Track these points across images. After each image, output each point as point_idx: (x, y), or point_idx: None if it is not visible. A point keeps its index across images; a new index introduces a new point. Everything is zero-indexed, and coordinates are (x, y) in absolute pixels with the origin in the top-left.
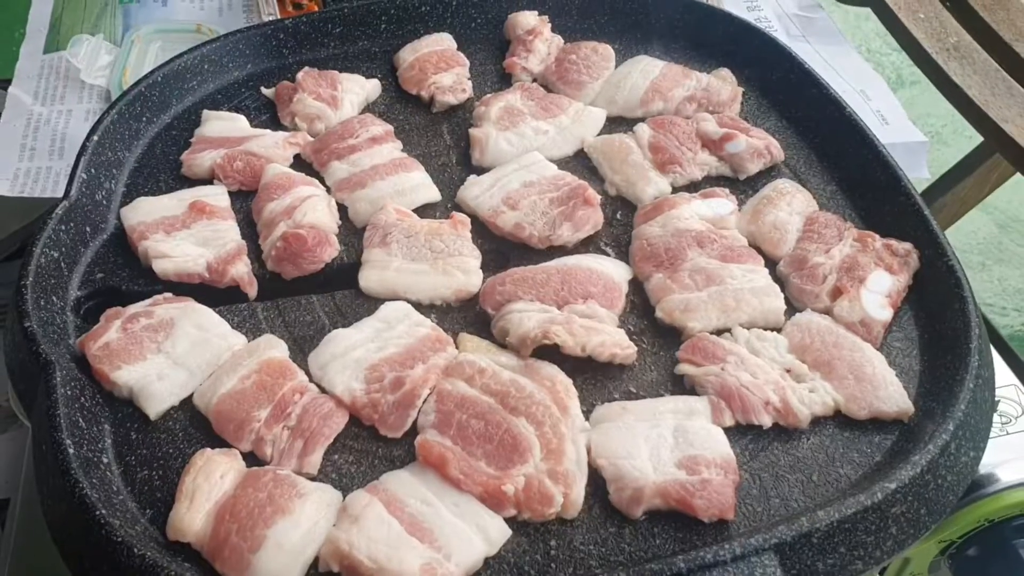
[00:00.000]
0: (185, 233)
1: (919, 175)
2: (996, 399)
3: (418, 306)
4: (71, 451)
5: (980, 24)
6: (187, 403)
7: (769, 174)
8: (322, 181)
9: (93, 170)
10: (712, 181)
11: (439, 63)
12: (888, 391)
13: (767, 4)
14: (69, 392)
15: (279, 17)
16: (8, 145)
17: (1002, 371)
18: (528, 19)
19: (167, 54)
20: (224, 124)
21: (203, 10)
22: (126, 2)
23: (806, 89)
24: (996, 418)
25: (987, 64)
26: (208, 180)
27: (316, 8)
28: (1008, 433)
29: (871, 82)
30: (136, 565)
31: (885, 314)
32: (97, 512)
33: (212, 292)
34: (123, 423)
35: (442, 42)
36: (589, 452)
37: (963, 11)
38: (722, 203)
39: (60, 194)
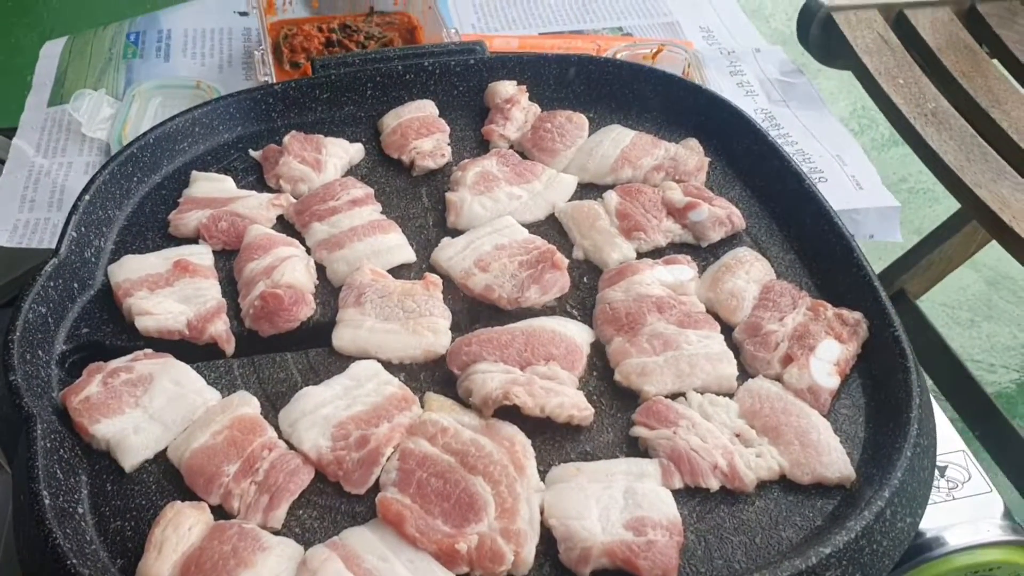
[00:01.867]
0: (168, 291)
1: (892, 239)
2: (943, 465)
3: (389, 365)
4: (47, 502)
5: (958, 90)
6: (162, 456)
7: (731, 242)
8: (303, 241)
9: (83, 228)
10: (676, 248)
11: (420, 129)
12: (831, 457)
13: (749, 69)
14: (48, 444)
15: (275, 77)
16: (9, 196)
17: (951, 437)
18: (507, 88)
19: (167, 109)
20: (211, 185)
21: (204, 67)
22: (129, 57)
23: (769, 160)
24: (943, 483)
25: (963, 130)
26: (194, 239)
27: (309, 69)
28: (954, 498)
29: (847, 147)
30: None
31: (832, 382)
32: (69, 562)
33: (192, 348)
34: (99, 474)
35: (424, 108)
36: (542, 512)
37: (942, 77)
38: (683, 270)
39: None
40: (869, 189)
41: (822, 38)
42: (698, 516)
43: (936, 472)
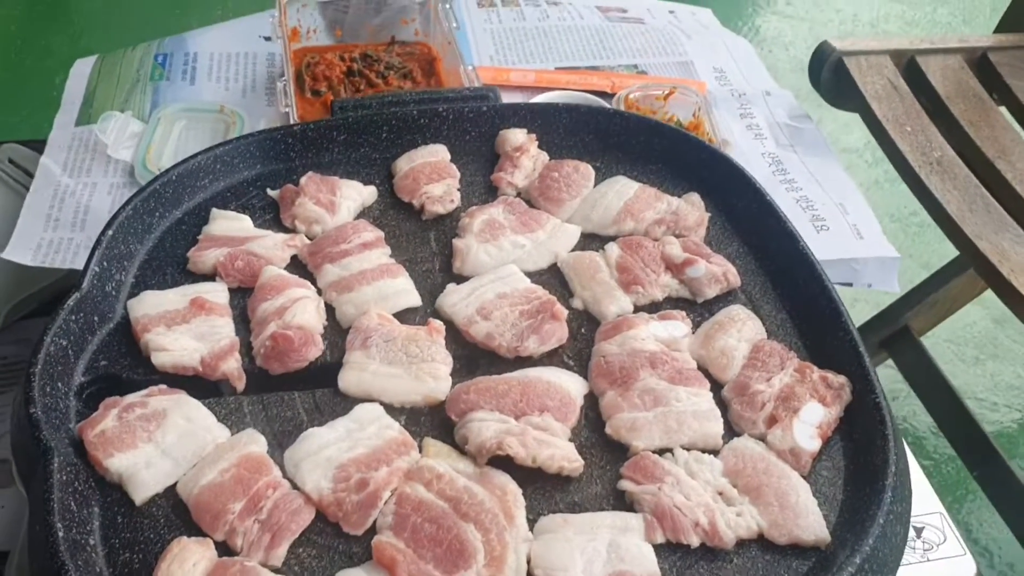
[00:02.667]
0: (185, 328)
1: (890, 290)
2: (920, 526)
3: (391, 408)
4: (61, 534)
5: (965, 139)
6: (171, 490)
7: (726, 298)
8: (315, 282)
9: (105, 263)
10: (672, 302)
11: (431, 174)
12: (808, 520)
13: (759, 112)
14: (64, 477)
15: (296, 106)
16: (35, 215)
17: (930, 499)
18: (517, 136)
19: (190, 133)
20: (229, 224)
21: (228, 91)
22: (156, 79)
23: (766, 219)
24: (919, 544)
25: (968, 180)
26: (212, 276)
27: (331, 98)
28: (929, 559)
29: (850, 195)
30: None
31: (814, 444)
32: None
33: (205, 383)
34: (111, 507)
35: (436, 153)
36: (529, 561)
37: (949, 125)
38: (677, 326)
39: (78, 265)
40: (869, 239)
41: (833, 81)
42: (678, 571)
43: (912, 532)
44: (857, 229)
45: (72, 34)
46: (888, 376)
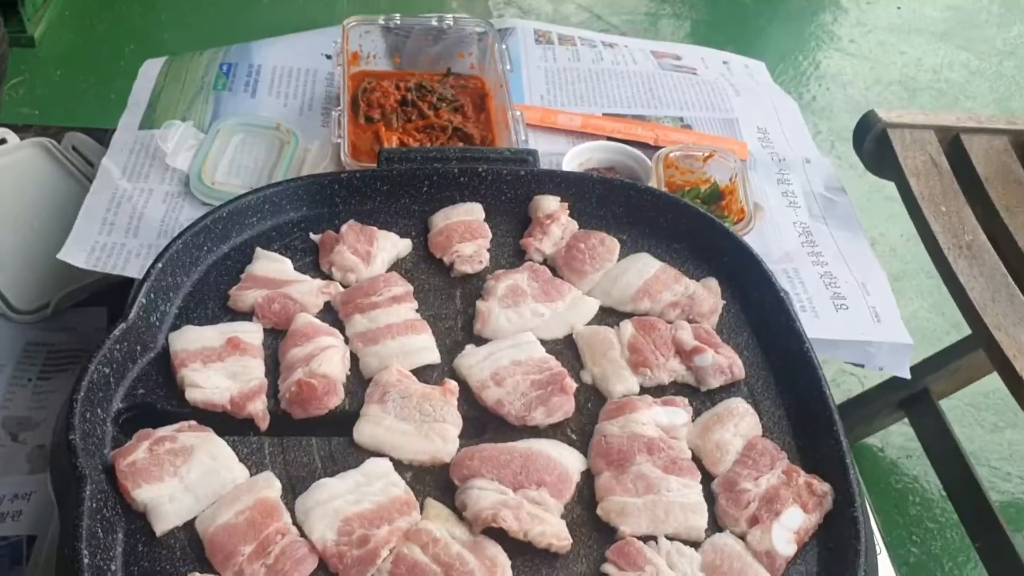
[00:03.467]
0: (219, 365)
1: (901, 375)
2: None
3: (399, 463)
4: (86, 561)
5: (999, 223)
6: (190, 524)
7: (729, 389)
8: (343, 329)
9: (153, 295)
10: (677, 387)
11: (464, 233)
12: None
13: (796, 179)
14: (94, 505)
15: (348, 132)
16: (92, 217)
17: None
18: (550, 204)
19: (247, 147)
20: (271, 265)
21: (286, 107)
22: (219, 89)
23: (777, 315)
24: None
25: (995, 267)
26: (249, 315)
27: (383, 127)
28: None
29: (873, 276)
30: None
31: (789, 549)
32: None
33: (230, 421)
34: (134, 534)
35: (472, 212)
36: None
37: (985, 208)
38: (678, 413)
39: (129, 272)
40: (887, 322)
41: (876, 151)
42: None
43: None
44: (876, 312)
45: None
46: (903, 434)
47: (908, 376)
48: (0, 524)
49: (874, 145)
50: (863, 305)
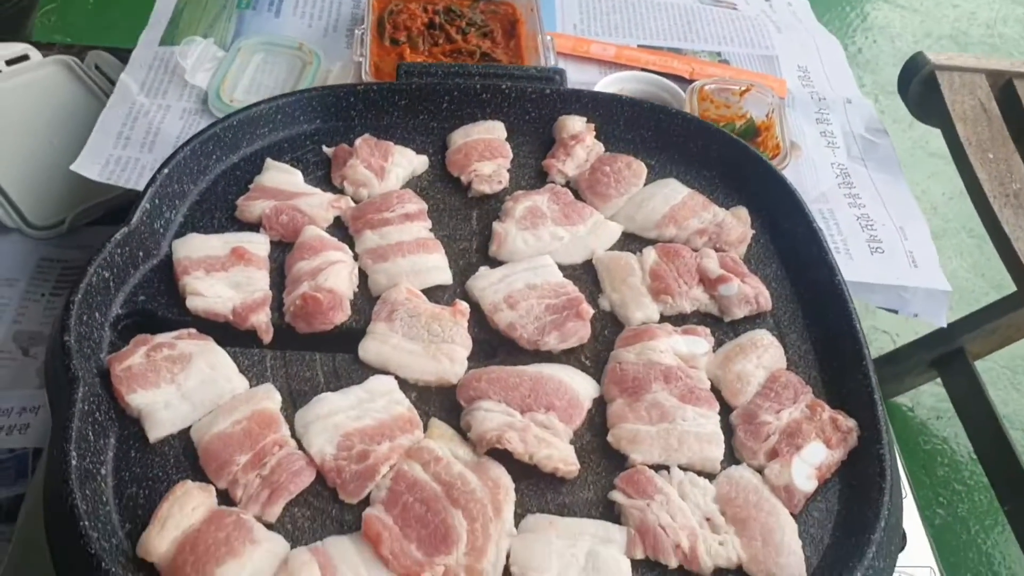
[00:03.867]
0: (222, 275)
1: (936, 322)
2: None
3: (404, 383)
4: (74, 463)
5: None
6: (184, 433)
7: (754, 320)
8: (353, 246)
9: (157, 200)
10: (699, 317)
11: (484, 151)
12: (787, 560)
13: (836, 119)
14: (86, 407)
15: (371, 53)
16: (107, 131)
17: (924, 553)
18: (575, 124)
19: (267, 66)
20: (281, 176)
21: (310, 28)
22: (243, 8)
23: (808, 246)
24: None
25: None
26: (257, 225)
27: (408, 49)
28: None
29: (912, 221)
30: None
31: (809, 485)
32: (81, 523)
33: (233, 331)
34: (126, 440)
35: (493, 131)
36: (508, 556)
37: None
38: (699, 342)
39: (141, 187)
40: (924, 268)
41: (922, 95)
42: None
43: None
44: (913, 256)
45: None
46: (935, 395)
47: (943, 324)
48: (7, 436)
49: (920, 88)
50: (900, 249)
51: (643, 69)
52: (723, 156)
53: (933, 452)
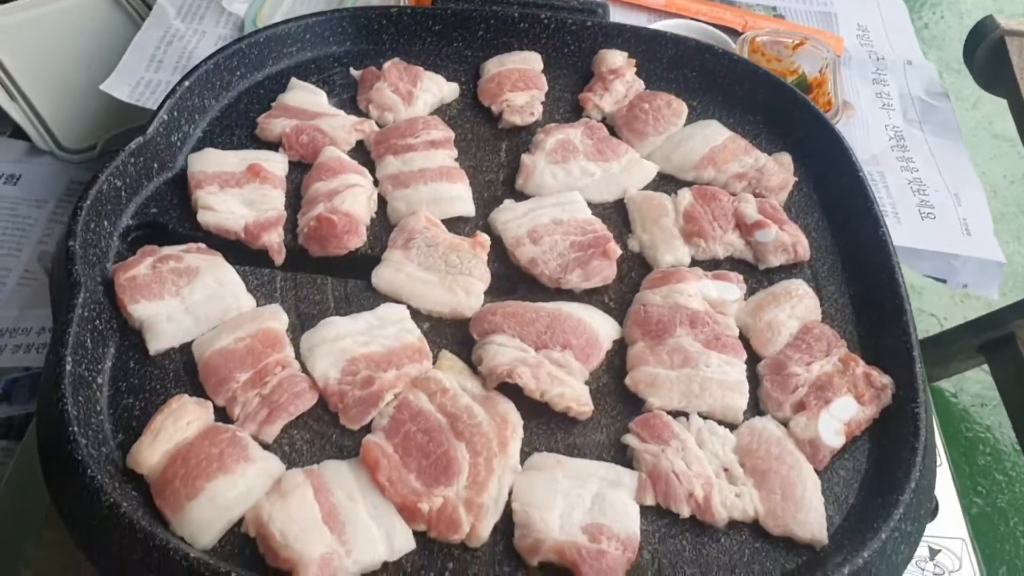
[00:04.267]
0: (236, 191)
1: (987, 294)
2: (936, 548)
3: (417, 313)
4: (68, 367)
5: None
6: (186, 347)
7: (790, 270)
8: (374, 171)
9: (176, 112)
10: (733, 263)
11: (518, 82)
12: (808, 516)
13: (894, 80)
14: (86, 314)
15: None
16: (140, 53)
17: (956, 523)
18: (616, 58)
19: None
20: (305, 96)
21: None
22: None
23: (854, 197)
24: (930, 567)
25: None
26: (276, 145)
27: None
28: None
29: (968, 188)
30: (86, 484)
31: (836, 441)
32: (70, 429)
33: (245, 250)
34: (126, 351)
35: (528, 61)
36: (511, 493)
37: None
38: (729, 288)
39: None
40: (977, 237)
41: (989, 61)
42: (660, 537)
43: (926, 553)
44: (966, 224)
45: None
46: (980, 382)
47: (995, 295)
48: (25, 355)
49: (987, 54)
50: (953, 216)
51: (693, 19)
52: (769, 101)
53: (975, 440)
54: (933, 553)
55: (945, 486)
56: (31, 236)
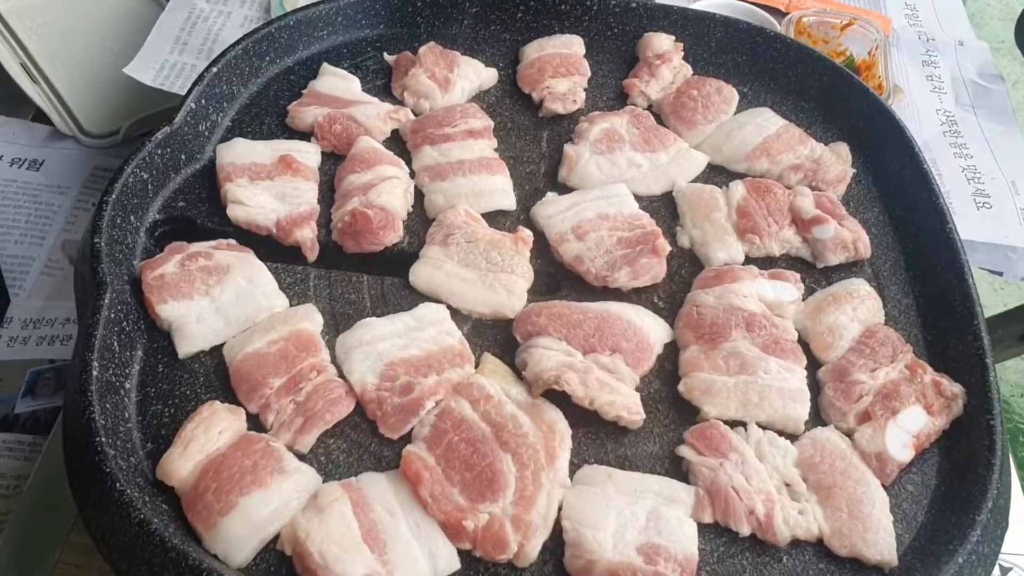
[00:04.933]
0: (267, 184)
1: None
2: (1008, 567)
3: (457, 313)
4: (95, 373)
5: None
6: (217, 350)
7: (850, 268)
8: (410, 162)
9: (204, 101)
10: (789, 261)
11: (559, 67)
12: (877, 536)
13: (945, 62)
14: (113, 315)
15: None
16: (164, 35)
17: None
18: (662, 42)
19: None
20: (337, 82)
21: None
22: None
23: (917, 190)
24: None
25: None
26: (308, 135)
27: None
28: None
29: None
30: (115, 499)
31: (905, 454)
32: (97, 438)
33: (276, 247)
34: (155, 354)
35: (570, 45)
36: (560, 509)
37: None
38: (787, 288)
39: None
40: None
41: None
42: (719, 557)
43: (997, 572)
44: None
45: None
46: (1021, 371)
47: None
48: (50, 347)
49: None
50: (1010, 205)
51: None
52: (824, 87)
53: (1015, 431)
54: (1004, 572)
55: (1015, 498)
56: (55, 224)
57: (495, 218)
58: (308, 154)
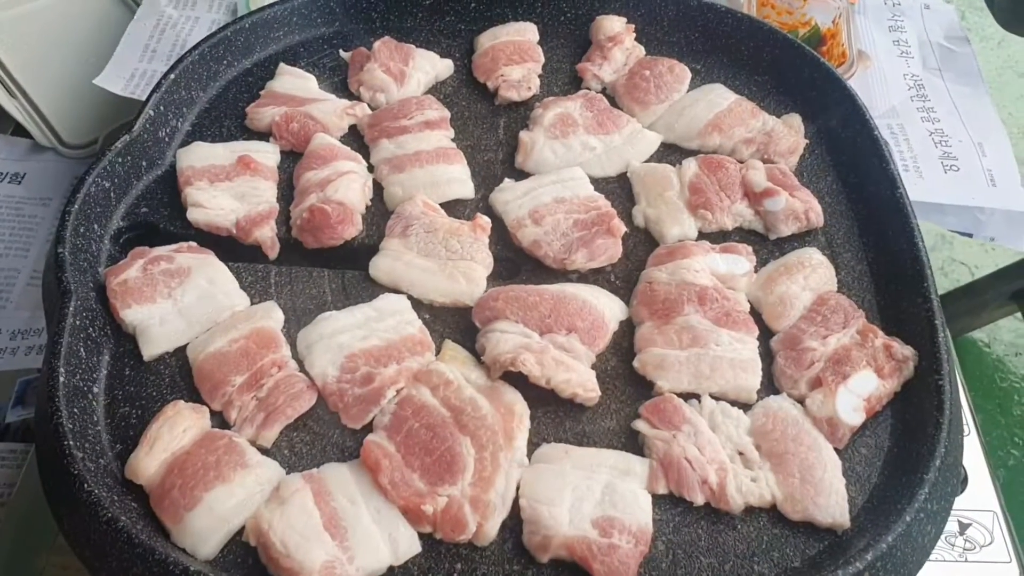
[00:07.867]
0: (227, 185)
1: (1015, 247)
2: (966, 522)
3: (418, 302)
4: (62, 379)
5: None
6: (181, 351)
7: (803, 238)
8: (368, 156)
9: (162, 107)
10: (742, 234)
11: (513, 55)
12: (829, 500)
13: (912, 26)
14: (78, 322)
15: None
16: (133, 44)
17: (987, 496)
18: (613, 25)
19: None
20: (294, 81)
21: None
22: None
23: (868, 157)
24: (960, 541)
25: None
26: (267, 135)
27: None
28: (968, 560)
29: (993, 136)
30: (84, 499)
31: (856, 418)
32: (65, 442)
33: (238, 246)
34: (121, 358)
35: (524, 32)
36: (518, 488)
37: None
38: (739, 261)
39: None
40: (1003, 188)
41: (1012, 1)
42: (674, 527)
43: (956, 527)
44: (991, 175)
45: None
46: (1014, 330)
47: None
48: (38, 356)
49: None
50: (977, 167)
51: None
52: (777, 59)
53: (1009, 390)
54: (963, 527)
55: (974, 455)
56: (38, 236)
57: (454, 207)
58: (266, 154)
